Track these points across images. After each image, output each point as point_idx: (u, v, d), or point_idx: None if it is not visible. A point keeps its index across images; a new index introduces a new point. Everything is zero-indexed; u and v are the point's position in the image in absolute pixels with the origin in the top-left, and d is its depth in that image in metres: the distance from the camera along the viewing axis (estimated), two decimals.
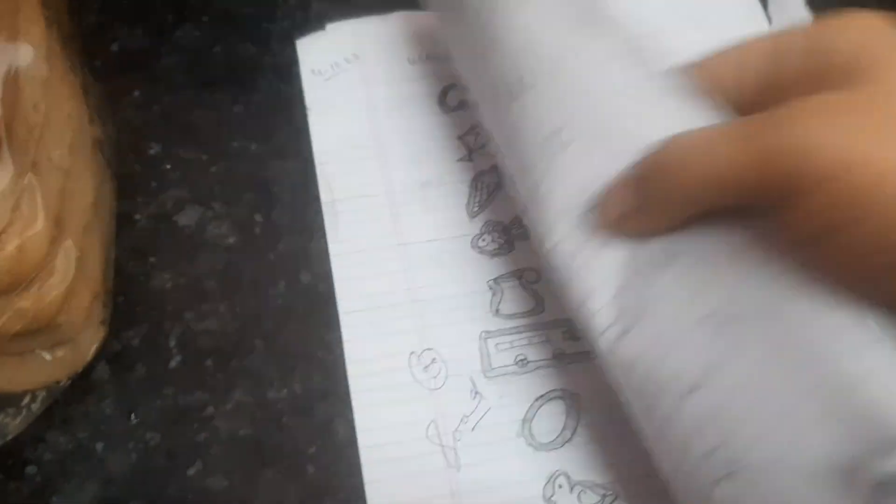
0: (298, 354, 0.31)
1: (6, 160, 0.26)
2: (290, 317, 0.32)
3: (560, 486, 0.30)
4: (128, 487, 0.29)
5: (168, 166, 0.35)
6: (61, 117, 0.30)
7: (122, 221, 0.33)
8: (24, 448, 0.30)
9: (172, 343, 0.31)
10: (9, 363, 0.28)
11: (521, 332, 0.33)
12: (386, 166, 0.36)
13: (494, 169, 0.36)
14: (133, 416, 0.30)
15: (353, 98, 0.38)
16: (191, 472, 0.29)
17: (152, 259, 0.33)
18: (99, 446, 0.30)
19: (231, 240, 0.34)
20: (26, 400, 0.30)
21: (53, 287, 0.28)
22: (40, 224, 0.27)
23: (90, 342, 0.30)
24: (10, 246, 0.26)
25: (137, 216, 0.34)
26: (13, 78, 0.27)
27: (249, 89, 0.37)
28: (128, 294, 0.32)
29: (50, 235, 0.27)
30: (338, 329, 0.32)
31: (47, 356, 0.29)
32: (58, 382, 0.30)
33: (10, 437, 0.29)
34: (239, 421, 0.30)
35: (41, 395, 0.30)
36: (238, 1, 0.40)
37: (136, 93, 0.37)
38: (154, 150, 0.35)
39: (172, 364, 0.31)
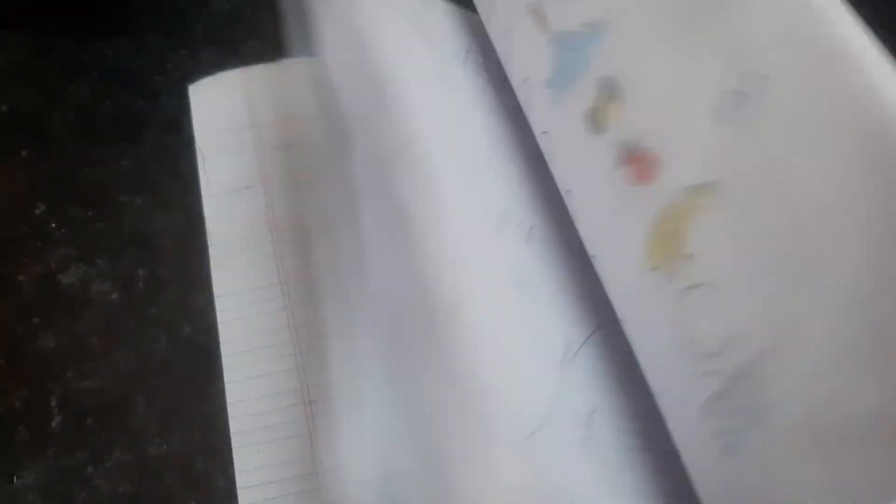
0: (179, 409, 0.32)
1: None
2: (172, 371, 0.32)
3: None
4: None
5: (54, 225, 0.35)
6: None
7: (6, 284, 0.34)
8: None
9: (54, 403, 0.32)
10: None
11: None
12: (274, 206, 0.37)
13: None
14: (15, 479, 0.30)
15: (244, 140, 0.38)
16: None
17: (35, 320, 0.33)
18: None
19: (114, 296, 0.34)
20: None
21: None
22: None
23: None
24: None
25: (21, 277, 0.34)
26: None
27: (137, 143, 0.38)
28: (10, 357, 0.32)
29: None
30: (219, 381, 0.32)
31: None
32: None
33: None
34: (118, 479, 0.30)
35: None
36: (129, 54, 0.40)
37: (24, 153, 0.37)
38: (40, 209, 0.36)
39: (53, 425, 0.31)
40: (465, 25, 0.37)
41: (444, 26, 0.36)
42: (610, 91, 0.28)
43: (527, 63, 0.32)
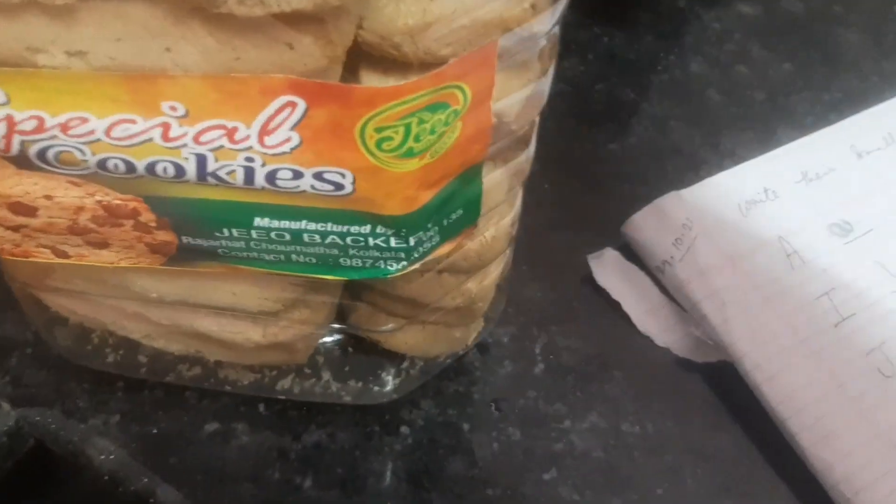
0: (655, 392, 0.33)
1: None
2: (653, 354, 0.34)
3: None
4: (490, 473, 0.31)
5: None
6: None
7: None
8: (401, 409, 0.32)
9: (537, 350, 0.33)
10: (429, 332, 0.30)
11: None
12: None
13: None
14: (494, 406, 0.32)
15: None
16: (546, 476, 0.31)
17: (524, 267, 0.35)
18: (465, 426, 0.32)
19: None
20: (405, 364, 0.32)
21: (491, 273, 0.30)
22: (509, 217, 0.29)
23: (474, 329, 0.32)
24: (487, 234, 0.28)
25: None
26: None
27: None
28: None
29: (512, 229, 0.29)
30: None
31: (456, 333, 0.31)
32: (445, 358, 0.32)
33: (391, 397, 0.31)
34: (593, 442, 0.32)
35: (419, 363, 0.32)
36: None
37: None
38: None
39: (536, 371, 0.33)
40: None
41: None
42: None
43: None
